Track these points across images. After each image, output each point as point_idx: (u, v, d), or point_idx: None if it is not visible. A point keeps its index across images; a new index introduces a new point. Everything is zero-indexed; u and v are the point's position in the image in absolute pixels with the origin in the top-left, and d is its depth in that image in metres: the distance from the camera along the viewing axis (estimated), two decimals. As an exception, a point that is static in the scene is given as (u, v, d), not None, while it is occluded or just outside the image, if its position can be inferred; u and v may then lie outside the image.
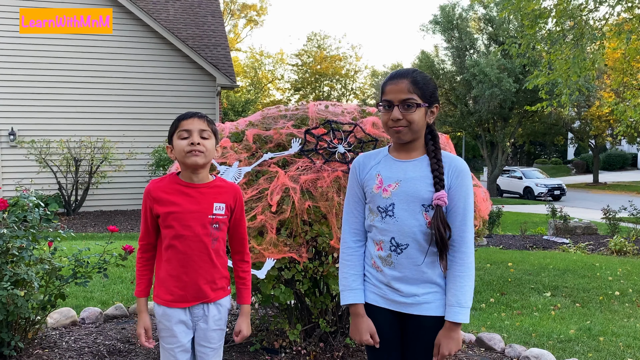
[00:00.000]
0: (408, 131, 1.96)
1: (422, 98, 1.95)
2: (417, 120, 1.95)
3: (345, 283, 2.05)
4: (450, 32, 27.05)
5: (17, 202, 3.48)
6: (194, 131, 2.14)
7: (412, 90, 1.94)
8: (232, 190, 2.25)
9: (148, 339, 2.26)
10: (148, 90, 13.62)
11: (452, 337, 1.94)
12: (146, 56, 13.61)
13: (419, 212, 1.95)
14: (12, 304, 3.14)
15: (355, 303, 2.02)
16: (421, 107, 1.95)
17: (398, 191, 1.97)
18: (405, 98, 1.93)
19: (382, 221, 1.98)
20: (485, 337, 4.08)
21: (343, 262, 2.08)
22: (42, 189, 12.53)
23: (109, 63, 13.30)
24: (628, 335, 4.52)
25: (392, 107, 1.95)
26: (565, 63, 9.02)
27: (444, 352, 1.94)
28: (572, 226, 11.80)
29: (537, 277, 6.74)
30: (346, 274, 2.06)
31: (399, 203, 1.96)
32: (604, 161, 39.36)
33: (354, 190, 2.09)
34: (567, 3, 9.05)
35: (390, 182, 1.99)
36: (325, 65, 39.89)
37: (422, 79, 1.97)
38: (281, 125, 3.48)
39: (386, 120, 1.98)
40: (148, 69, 13.62)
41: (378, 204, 1.99)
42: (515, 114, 26.99)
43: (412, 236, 1.94)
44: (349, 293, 2.03)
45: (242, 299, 2.34)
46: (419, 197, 1.95)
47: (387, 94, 1.97)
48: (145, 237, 2.25)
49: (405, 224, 1.95)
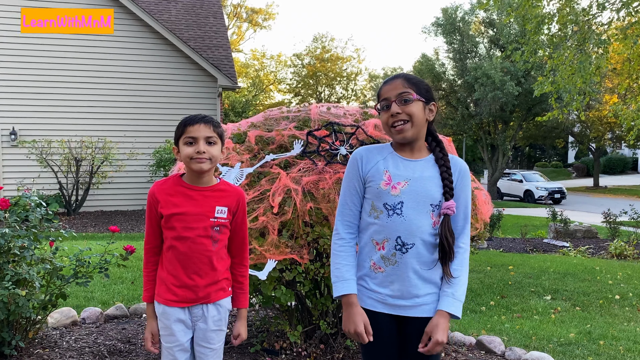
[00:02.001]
0: (410, 127, 1.97)
1: (418, 93, 1.98)
2: (416, 113, 1.96)
3: (338, 274, 2.01)
4: (452, 34, 27.07)
5: (18, 201, 3.48)
6: (200, 139, 2.13)
7: (407, 86, 1.97)
8: (235, 194, 2.26)
9: (154, 344, 2.27)
10: (149, 90, 13.64)
11: (445, 327, 1.94)
12: (148, 57, 13.62)
13: (427, 212, 1.97)
14: (14, 304, 3.14)
15: (348, 294, 1.98)
16: (418, 102, 1.97)
17: (408, 190, 1.97)
18: (401, 92, 1.96)
19: (388, 219, 1.96)
20: (485, 340, 4.08)
21: (335, 253, 2.04)
22: (43, 189, 12.54)
23: (110, 63, 13.32)
24: (628, 339, 4.52)
25: (390, 105, 1.97)
26: (570, 68, 9.03)
27: (439, 339, 1.91)
28: (573, 230, 11.80)
29: (538, 281, 6.74)
30: (339, 264, 2.01)
31: (408, 202, 1.96)
32: (604, 165, 39.36)
33: (353, 183, 2.04)
34: (571, 8, 9.06)
35: (399, 180, 1.98)
36: (324, 64, 39.84)
37: (414, 77, 2.02)
38: (283, 127, 3.48)
39: (386, 119, 1.99)
40: (149, 69, 13.64)
41: (385, 201, 1.97)
42: (516, 117, 27.01)
43: (420, 236, 1.95)
44: (343, 284, 1.99)
45: (239, 303, 2.36)
46: (429, 197, 1.97)
47: (383, 94, 2.01)
48: (152, 240, 2.25)
49: (414, 223, 1.95)
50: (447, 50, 28.07)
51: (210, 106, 14.06)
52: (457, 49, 27.15)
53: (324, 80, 40.99)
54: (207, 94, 14.15)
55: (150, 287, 2.26)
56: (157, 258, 2.26)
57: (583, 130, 31.37)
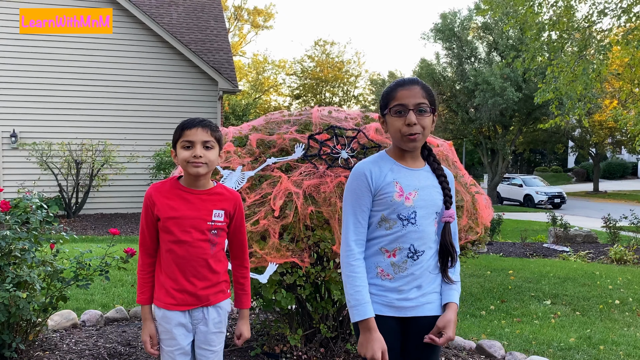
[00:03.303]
0: (421, 138, 1.97)
1: (431, 104, 1.97)
2: (428, 126, 1.97)
3: (358, 297, 1.92)
4: (451, 40, 27.13)
5: (19, 203, 3.49)
6: (197, 143, 2.14)
7: (425, 96, 1.95)
8: (232, 197, 2.27)
9: (154, 346, 2.26)
10: (150, 93, 13.65)
11: (455, 320, 2.01)
12: (148, 59, 13.65)
13: (434, 220, 2.03)
14: (14, 306, 3.13)
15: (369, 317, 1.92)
16: (431, 114, 1.98)
17: (418, 199, 1.99)
18: (419, 102, 1.94)
19: (404, 229, 1.97)
20: (485, 345, 4.08)
21: (353, 276, 1.95)
22: (43, 192, 12.53)
23: (111, 66, 13.34)
24: (628, 344, 4.52)
25: (406, 112, 1.93)
26: (571, 75, 9.03)
27: (451, 335, 1.98)
28: (573, 234, 11.81)
29: (537, 285, 6.73)
30: (358, 287, 1.93)
31: (420, 210, 1.99)
32: (604, 170, 39.37)
33: (363, 200, 1.98)
34: (571, 15, 9.08)
35: (410, 190, 1.99)
36: (327, 72, 39.92)
37: (428, 87, 2.01)
38: (285, 130, 3.49)
39: (400, 126, 1.93)
40: (150, 72, 13.65)
41: (400, 212, 1.96)
42: (516, 122, 27.04)
43: (429, 243, 2.01)
44: (365, 307, 1.92)
45: (241, 304, 2.38)
46: (435, 205, 2.02)
47: (399, 99, 1.94)
48: (147, 242, 2.25)
49: (426, 231, 2.00)
50: (447, 55, 28.13)
51: (210, 109, 14.08)
52: (456, 54, 27.20)
53: (325, 85, 41.04)
54: (208, 97, 14.16)
55: (145, 290, 2.25)
56: (151, 260, 2.26)
57: (583, 135, 31.39)
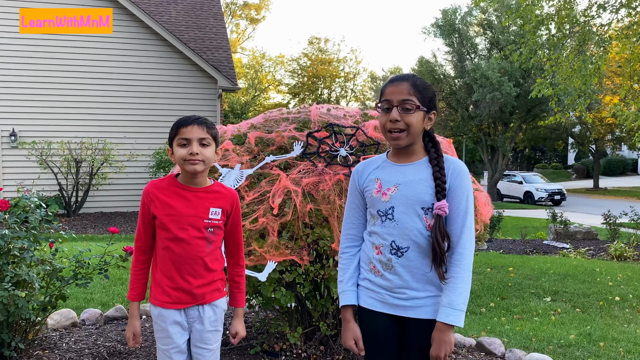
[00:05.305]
0: (405, 136, 1.95)
1: (421, 102, 1.95)
2: (414, 123, 1.94)
3: (340, 288, 2.12)
4: (451, 35, 27.09)
5: (18, 202, 3.48)
6: (193, 140, 2.14)
7: (412, 93, 1.94)
8: (229, 195, 2.27)
9: (136, 344, 2.30)
10: (149, 92, 13.64)
11: (443, 340, 1.90)
12: (148, 58, 13.63)
13: (419, 215, 1.95)
14: (13, 305, 3.13)
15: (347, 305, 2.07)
16: (420, 111, 1.95)
17: (397, 194, 1.97)
18: (404, 99, 1.93)
19: (382, 225, 1.99)
20: (485, 342, 4.08)
21: (340, 267, 2.15)
22: (43, 190, 12.54)
23: (110, 65, 13.33)
24: (628, 340, 4.52)
25: (391, 109, 1.94)
26: (570, 69, 9.01)
27: (433, 353, 1.91)
28: (573, 231, 11.81)
29: (538, 282, 6.73)
30: (341, 277, 2.12)
31: (398, 206, 1.96)
32: (604, 166, 39.37)
33: (353, 197, 2.13)
34: (570, 9, 9.06)
35: (389, 186, 2.00)
36: (323, 68, 39.86)
37: (421, 84, 1.97)
38: (283, 128, 3.48)
39: (384, 122, 1.97)
40: (149, 70, 13.64)
41: (378, 207, 2.01)
42: (516, 119, 27.02)
43: (413, 239, 1.95)
44: (342, 295, 2.10)
45: (236, 302, 2.37)
46: (418, 200, 1.95)
47: (386, 95, 1.97)
48: (142, 239, 2.24)
49: (406, 227, 1.95)
50: (447, 51, 28.10)
51: (210, 107, 14.07)
52: (456, 50, 27.17)
53: (322, 82, 41.00)
54: (207, 95, 14.15)
55: (136, 286, 2.25)
56: (146, 257, 2.26)
57: (583, 131, 31.36)
